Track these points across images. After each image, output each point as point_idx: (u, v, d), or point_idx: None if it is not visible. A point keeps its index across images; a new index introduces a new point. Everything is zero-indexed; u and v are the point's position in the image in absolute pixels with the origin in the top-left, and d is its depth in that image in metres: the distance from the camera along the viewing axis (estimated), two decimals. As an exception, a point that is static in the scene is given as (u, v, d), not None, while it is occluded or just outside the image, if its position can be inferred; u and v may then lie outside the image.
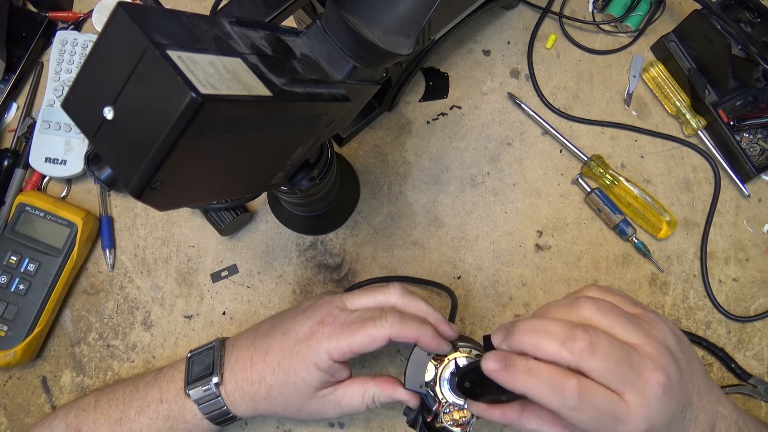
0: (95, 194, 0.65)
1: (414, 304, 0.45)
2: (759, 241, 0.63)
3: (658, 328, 0.36)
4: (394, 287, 0.46)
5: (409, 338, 0.42)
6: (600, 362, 0.32)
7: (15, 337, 0.58)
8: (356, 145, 0.66)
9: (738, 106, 0.64)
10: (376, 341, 0.42)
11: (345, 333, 0.42)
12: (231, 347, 0.48)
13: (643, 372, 0.33)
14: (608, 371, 0.33)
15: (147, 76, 0.25)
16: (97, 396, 0.51)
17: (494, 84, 0.68)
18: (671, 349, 0.35)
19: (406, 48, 0.39)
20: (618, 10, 0.68)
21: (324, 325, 0.43)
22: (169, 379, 0.49)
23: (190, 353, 0.49)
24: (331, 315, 0.44)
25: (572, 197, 0.64)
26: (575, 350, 0.33)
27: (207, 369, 0.46)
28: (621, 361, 0.33)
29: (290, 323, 0.46)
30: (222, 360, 0.47)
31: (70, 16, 0.70)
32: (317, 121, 0.36)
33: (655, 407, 0.33)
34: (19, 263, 0.59)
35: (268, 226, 0.63)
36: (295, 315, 0.47)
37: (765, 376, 0.59)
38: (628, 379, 0.33)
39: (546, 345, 0.33)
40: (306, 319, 0.45)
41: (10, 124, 0.67)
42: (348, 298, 0.46)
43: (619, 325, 0.35)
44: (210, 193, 0.35)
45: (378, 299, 0.45)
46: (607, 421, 0.33)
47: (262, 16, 0.41)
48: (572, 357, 0.33)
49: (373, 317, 0.42)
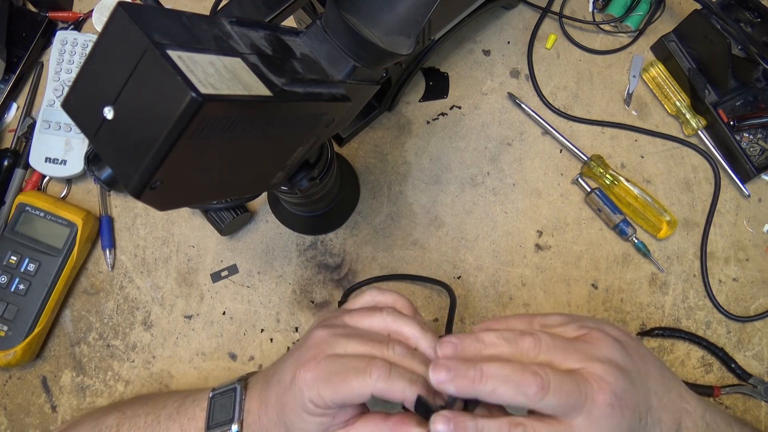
0: (95, 194, 0.65)
1: (405, 330, 0.41)
2: (759, 241, 0.63)
3: (601, 346, 0.37)
4: (387, 314, 0.42)
5: (395, 398, 0.37)
6: (554, 399, 0.34)
7: (15, 337, 0.58)
8: (356, 145, 0.66)
9: (738, 106, 0.64)
10: (356, 397, 0.37)
11: (325, 384, 0.38)
12: (248, 392, 0.45)
13: (590, 395, 0.34)
14: (560, 403, 0.34)
15: (147, 76, 0.25)
16: (119, 418, 0.49)
17: (494, 84, 0.68)
18: (617, 363, 0.36)
19: (406, 48, 0.39)
20: (618, 10, 0.68)
21: (306, 371, 0.39)
22: (191, 416, 0.46)
23: (212, 393, 0.46)
24: (314, 360, 0.39)
25: (572, 197, 0.64)
26: (529, 394, 0.34)
27: (228, 415, 0.44)
28: (569, 392, 0.34)
29: (282, 367, 0.42)
30: (243, 405, 0.44)
31: (70, 16, 0.70)
32: (317, 121, 0.36)
33: (605, 425, 0.34)
34: (19, 263, 0.59)
35: (268, 226, 0.63)
36: (288, 356, 0.43)
37: (765, 376, 0.59)
38: (577, 406, 0.34)
39: (502, 391, 0.34)
40: (293, 362, 0.41)
41: (10, 124, 0.67)
42: (340, 341, 0.40)
43: (560, 355, 0.36)
44: (210, 193, 0.35)
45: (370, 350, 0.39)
46: None
47: (262, 16, 0.41)
48: (527, 400, 0.34)
49: (356, 369, 0.37)
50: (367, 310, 0.43)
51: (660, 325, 0.60)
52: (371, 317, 0.42)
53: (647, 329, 0.60)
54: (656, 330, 0.60)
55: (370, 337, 0.40)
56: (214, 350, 0.60)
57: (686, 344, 0.60)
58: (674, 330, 0.60)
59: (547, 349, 0.36)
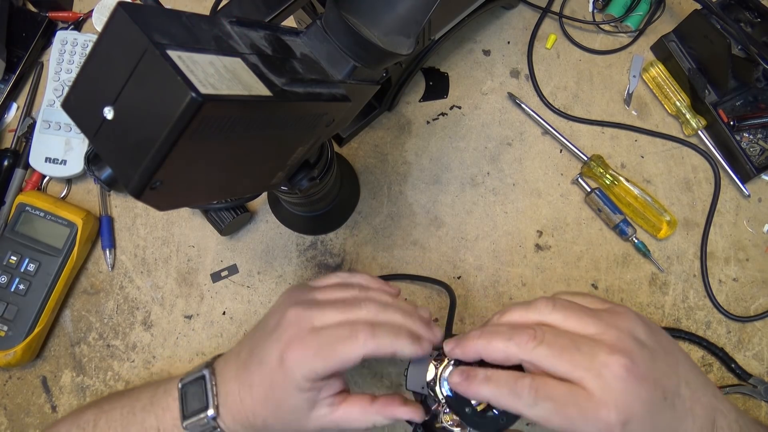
0: (95, 194, 0.65)
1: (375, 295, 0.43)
2: (759, 241, 0.63)
3: (623, 319, 0.36)
4: (358, 289, 0.42)
5: (385, 353, 0.39)
6: (545, 350, 0.34)
7: (15, 337, 0.58)
8: (356, 145, 0.66)
9: (738, 106, 0.64)
10: (349, 362, 0.38)
11: (317, 358, 0.39)
12: (220, 377, 0.45)
13: (597, 356, 0.34)
14: (554, 357, 0.34)
15: (147, 76, 0.25)
16: (96, 414, 0.49)
17: (494, 84, 0.68)
18: (637, 337, 0.36)
19: (406, 48, 0.39)
20: (618, 10, 0.68)
21: (293, 350, 0.39)
22: (164, 407, 0.46)
23: (180, 383, 0.46)
24: (298, 338, 0.40)
25: (572, 197, 0.64)
26: (521, 343, 0.34)
27: (201, 403, 0.44)
28: (566, 347, 0.34)
29: (262, 349, 0.42)
30: (215, 390, 0.44)
31: (70, 16, 0.70)
32: (317, 121, 0.36)
33: (619, 389, 0.33)
34: (19, 263, 0.59)
35: (268, 226, 0.63)
36: (264, 337, 0.43)
37: (765, 376, 0.59)
38: (580, 365, 0.33)
39: (495, 344, 0.36)
40: (274, 343, 0.41)
41: (10, 124, 0.67)
42: (315, 313, 0.41)
43: (572, 318, 0.36)
44: (210, 193, 0.35)
45: (348, 316, 0.41)
46: (572, 413, 0.33)
47: (262, 16, 0.41)
48: (519, 350, 0.35)
49: (342, 337, 0.39)
50: (337, 286, 0.44)
51: (660, 325, 0.60)
52: (342, 291, 0.43)
53: (647, 329, 0.60)
54: (656, 330, 0.60)
55: (343, 303, 0.41)
56: (214, 350, 0.60)
57: (686, 344, 0.60)
58: (674, 330, 0.60)
59: (560, 309, 0.36)
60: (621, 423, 0.33)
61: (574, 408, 0.33)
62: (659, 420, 0.35)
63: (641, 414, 0.34)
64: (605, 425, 0.33)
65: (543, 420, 0.34)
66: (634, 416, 0.33)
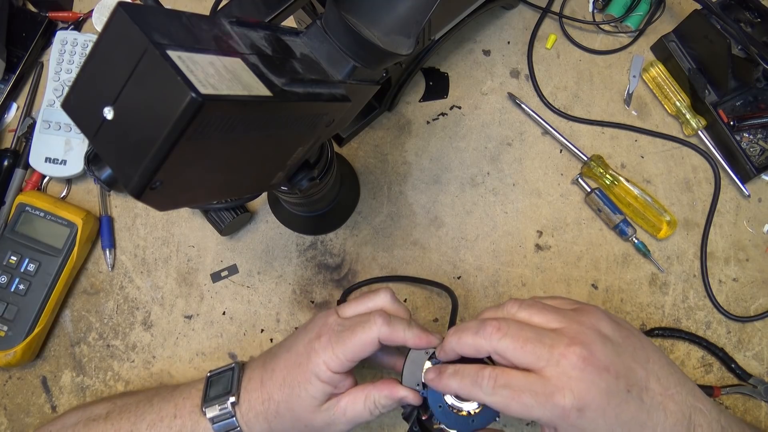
0: (95, 194, 0.65)
1: (402, 311, 0.46)
2: (759, 241, 0.63)
3: (588, 315, 0.38)
4: (384, 293, 0.46)
5: (397, 339, 0.42)
6: (509, 341, 0.36)
7: (15, 337, 0.58)
8: (356, 145, 0.66)
9: (738, 106, 0.64)
10: (367, 345, 0.42)
11: (338, 343, 0.43)
12: (247, 369, 0.48)
13: (557, 347, 0.36)
14: (517, 348, 0.36)
15: (147, 76, 0.25)
16: (109, 407, 0.51)
17: (494, 84, 0.68)
18: (600, 331, 0.37)
19: (406, 48, 0.39)
20: (618, 10, 0.68)
21: (320, 337, 0.44)
22: (186, 395, 0.48)
23: (209, 373, 0.49)
24: (326, 326, 0.45)
25: (572, 197, 0.64)
26: (486, 335, 0.37)
27: (225, 389, 0.46)
28: (529, 339, 0.36)
29: (293, 340, 0.47)
30: (240, 381, 0.47)
31: (70, 16, 0.70)
32: (317, 121, 0.36)
33: (575, 377, 0.35)
34: (19, 263, 0.59)
35: (268, 226, 0.63)
36: (298, 332, 0.47)
37: (765, 376, 0.59)
38: (541, 355, 0.35)
39: (465, 338, 0.38)
40: (305, 334, 0.45)
41: (10, 124, 0.67)
42: (341, 308, 0.47)
43: (537, 315, 0.39)
44: (210, 193, 0.35)
45: (368, 305, 0.46)
46: (528, 399, 0.35)
47: (262, 16, 0.41)
48: (485, 341, 0.37)
49: (360, 321, 0.43)
50: (362, 296, 0.48)
51: (660, 325, 0.60)
52: (365, 301, 0.47)
53: (647, 329, 0.60)
54: (656, 330, 0.60)
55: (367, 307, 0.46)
56: (214, 350, 0.60)
57: (686, 344, 0.60)
58: (674, 330, 0.60)
59: (526, 308, 0.39)
60: (576, 408, 0.34)
61: (529, 394, 0.35)
62: (622, 411, 0.36)
63: (599, 402, 0.35)
64: (561, 410, 0.35)
65: (502, 407, 0.36)
66: (591, 404, 0.35)
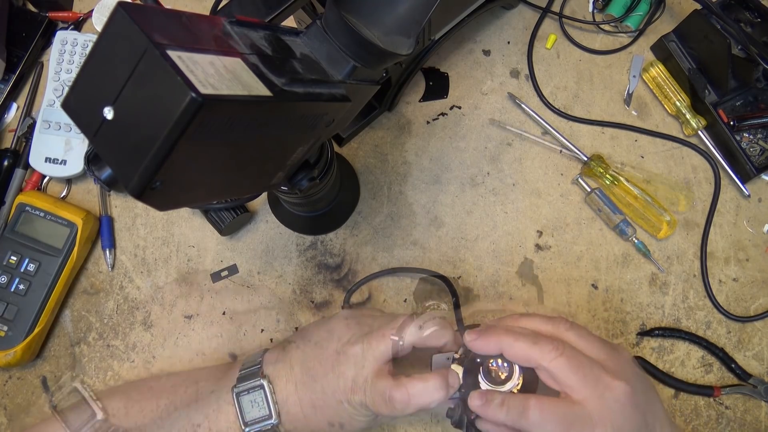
0: (95, 194, 0.65)
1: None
2: (759, 241, 0.63)
3: (623, 352, 0.41)
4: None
5: (432, 341, 0.44)
6: (564, 362, 0.37)
7: (15, 337, 0.58)
8: (356, 145, 0.66)
9: (738, 106, 0.64)
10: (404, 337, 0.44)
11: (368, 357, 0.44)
12: (279, 394, 0.47)
13: (604, 379, 0.37)
14: (569, 370, 0.37)
15: (147, 76, 0.25)
16: (126, 403, 0.50)
17: (494, 84, 0.68)
18: (634, 370, 0.40)
19: (406, 48, 0.39)
20: (618, 10, 0.68)
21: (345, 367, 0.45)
22: (216, 408, 0.47)
23: (235, 390, 0.47)
24: (355, 320, 0.48)
25: (572, 197, 0.64)
26: (545, 351, 0.38)
27: (261, 410, 0.46)
28: (582, 365, 0.38)
29: (325, 379, 0.46)
30: (275, 399, 0.47)
31: (70, 16, 0.69)
32: (317, 121, 0.36)
33: (617, 411, 0.37)
34: (19, 263, 0.59)
35: (268, 226, 0.63)
36: (326, 371, 0.46)
37: (765, 376, 0.59)
38: (589, 384, 0.37)
39: (520, 344, 0.39)
40: (338, 379, 0.45)
41: (10, 124, 0.67)
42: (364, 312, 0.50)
43: (584, 340, 0.40)
44: (210, 193, 0.35)
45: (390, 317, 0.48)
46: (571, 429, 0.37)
47: (262, 16, 0.41)
48: (541, 356, 0.38)
49: (392, 319, 0.46)
50: None
51: (660, 325, 0.60)
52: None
53: (647, 329, 0.60)
54: (656, 330, 0.60)
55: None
56: (214, 350, 0.60)
57: (686, 344, 0.60)
58: (674, 330, 0.60)
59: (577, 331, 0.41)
60: None
61: (574, 426, 0.37)
62: None
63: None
64: None
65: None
66: None
